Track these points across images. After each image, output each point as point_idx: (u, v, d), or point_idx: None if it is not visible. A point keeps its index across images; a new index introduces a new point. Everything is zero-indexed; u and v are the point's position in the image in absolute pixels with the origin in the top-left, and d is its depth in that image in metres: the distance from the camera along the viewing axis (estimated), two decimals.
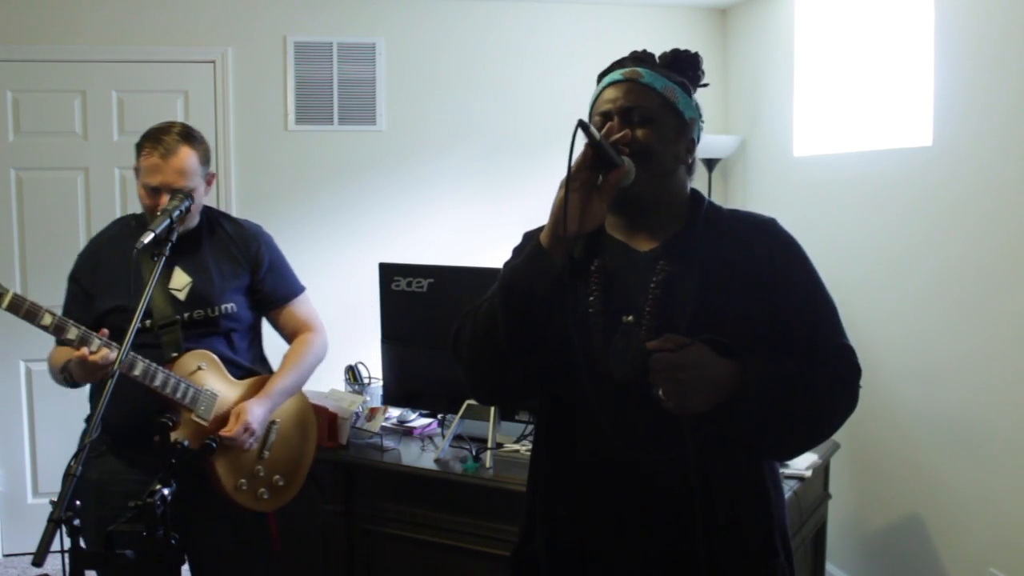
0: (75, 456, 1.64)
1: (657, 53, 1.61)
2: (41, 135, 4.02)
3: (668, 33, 4.47)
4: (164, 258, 2.04)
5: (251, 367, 2.38)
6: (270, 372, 2.44)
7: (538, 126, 4.41)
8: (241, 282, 2.34)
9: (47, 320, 2.00)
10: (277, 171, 4.24)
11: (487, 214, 4.39)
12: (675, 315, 1.45)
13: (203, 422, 2.19)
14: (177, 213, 2.10)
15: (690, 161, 1.57)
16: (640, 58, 1.58)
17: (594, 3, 4.38)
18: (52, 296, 3.88)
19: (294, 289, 2.47)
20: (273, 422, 2.35)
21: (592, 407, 1.47)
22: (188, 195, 2.16)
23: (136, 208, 2.41)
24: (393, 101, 4.31)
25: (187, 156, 2.20)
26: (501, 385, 1.53)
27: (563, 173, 1.53)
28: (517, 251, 1.63)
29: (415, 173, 4.35)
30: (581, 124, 1.36)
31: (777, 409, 1.41)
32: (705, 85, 1.62)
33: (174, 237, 2.08)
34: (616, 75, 1.53)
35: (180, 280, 2.25)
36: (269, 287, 2.40)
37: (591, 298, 1.50)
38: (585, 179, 1.39)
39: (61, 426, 3.95)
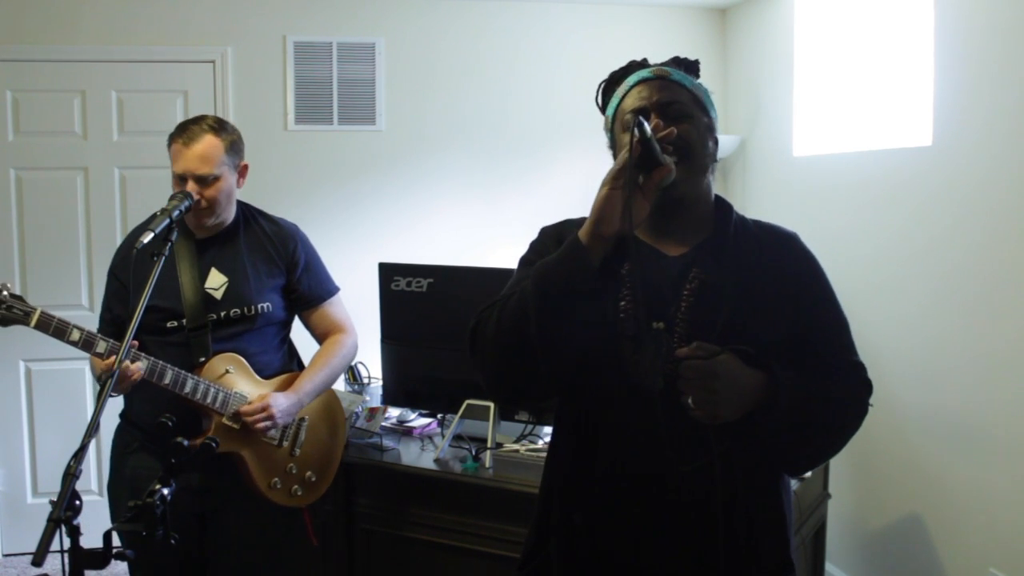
0: (75, 456, 1.64)
1: (657, 53, 1.61)
2: (41, 135, 4.02)
3: (668, 33, 4.47)
4: (164, 258, 2.04)
5: (282, 364, 2.39)
6: (300, 367, 2.47)
7: (538, 126, 4.41)
8: (277, 282, 2.35)
9: (76, 336, 2.02)
10: (277, 171, 4.24)
11: (487, 213, 4.39)
12: (707, 323, 1.43)
13: (234, 426, 2.20)
14: (177, 213, 2.10)
15: (716, 161, 1.56)
16: (642, 65, 1.57)
17: (594, 3, 4.38)
18: (53, 296, 3.92)
19: (329, 289, 2.48)
20: (302, 419, 2.37)
21: (617, 414, 1.45)
22: (187, 195, 2.16)
23: (138, 207, 2.41)
24: (393, 101, 4.31)
25: (210, 144, 2.20)
26: (523, 384, 1.48)
27: (564, 172, 1.53)
28: (535, 246, 1.59)
29: (415, 173, 4.35)
30: (636, 120, 1.34)
31: (800, 422, 1.42)
32: None
33: (174, 236, 2.08)
34: (645, 73, 1.51)
35: (216, 280, 2.26)
36: (305, 287, 2.41)
37: (622, 303, 1.47)
38: (629, 177, 1.36)
39: (61, 426, 3.96)
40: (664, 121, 1.44)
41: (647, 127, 1.35)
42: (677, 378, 1.36)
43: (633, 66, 1.58)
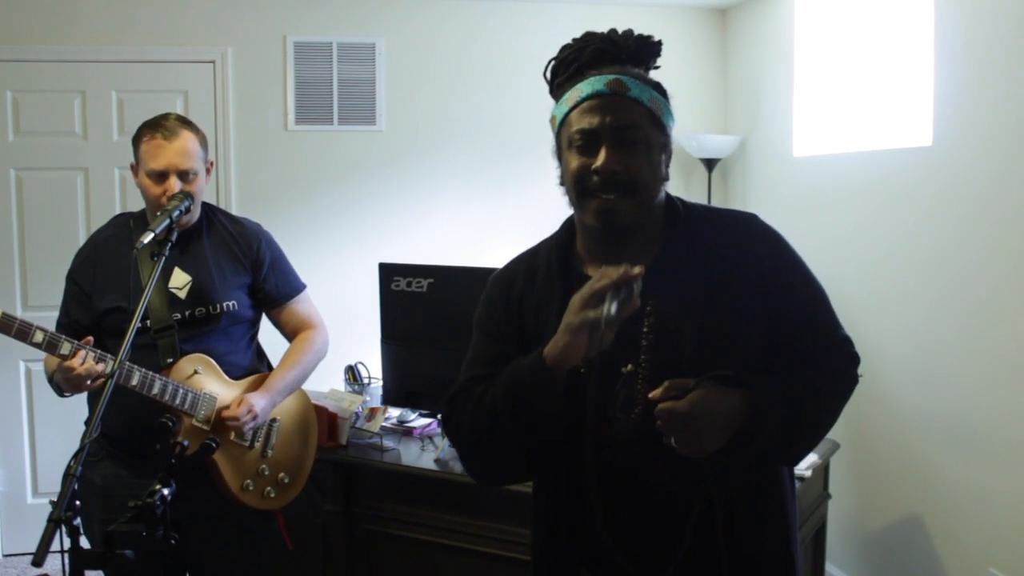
0: (75, 456, 1.63)
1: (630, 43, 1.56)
2: (41, 135, 4.02)
3: (668, 33, 4.43)
4: (164, 259, 2.03)
5: (251, 365, 2.37)
6: (269, 368, 2.44)
7: (537, 125, 4.33)
8: (242, 280, 2.33)
9: (39, 337, 1.99)
10: (277, 171, 4.24)
11: (487, 213, 4.39)
12: (672, 356, 1.38)
13: (204, 427, 2.19)
14: (177, 213, 2.09)
15: (668, 179, 1.48)
16: (602, 47, 1.50)
17: (595, 3, 4.38)
18: (53, 296, 3.89)
19: (296, 287, 2.46)
20: (274, 420, 2.35)
21: (603, 461, 1.40)
22: (188, 195, 2.15)
23: (138, 207, 2.40)
24: (393, 101, 4.31)
25: (188, 138, 2.20)
26: (502, 475, 1.54)
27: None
28: (485, 302, 1.57)
29: (415, 173, 4.35)
30: (624, 379, 1.32)
31: (787, 425, 1.39)
32: (656, 67, 1.54)
33: (174, 237, 2.07)
34: (599, 85, 1.41)
35: (180, 279, 2.24)
36: (271, 286, 2.39)
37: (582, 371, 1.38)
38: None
39: (61, 426, 3.96)
40: (616, 149, 1.37)
41: (609, 315, 1.27)
42: (654, 421, 1.32)
43: (590, 41, 1.51)
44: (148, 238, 1.99)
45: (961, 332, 2.99)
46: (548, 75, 1.55)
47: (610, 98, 1.41)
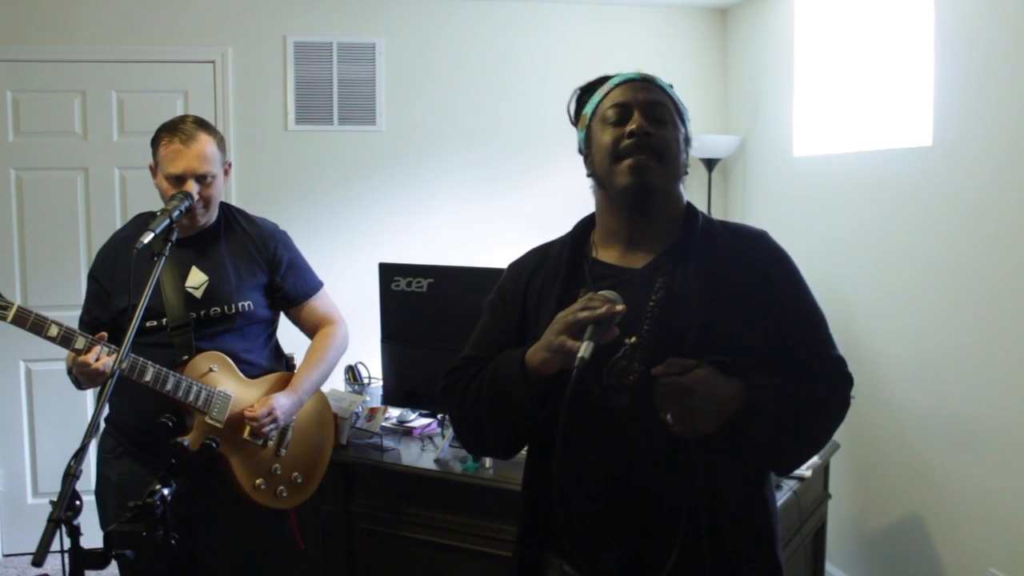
0: (75, 456, 1.63)
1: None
2: (41, 135, 4.02)
3: (668, 33, 4.47)
4: (164, 258, 2.03)
5: (268, 365, 2.38)
6: (286, 368, 2.46)
7: (537, 125, 4.41)
8: (258, 280, 2.35)
9: (54, 331, 2.01)
10: (277, 171, 4.24)
11: (487, 213, 4.39)
12: (678, 334, 1.42)
13: (217, 424, 2.19)
14: (177, 213, 2.10)
15: (687, 173, 1.57)
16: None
17: (595, 3, 4.38)
18: (52, 296, 3.92)
19: (314, 286, 2.49)
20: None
21: (590, 432, 1.44)
22: (187, 195, 2.16)
23: (138, 207, 2.41)
24: (393, 101, 4.31)
25: (207, 142, 2.22)
26: (491, 451, 1.65)
27: (563, 171, 1.54)
28: (500, 288, 1.63)
29: (415, 173, 4.35)
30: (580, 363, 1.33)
31: (781, 425, 1.41)
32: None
33: (174, 237, 2.07)
34: (630, 75, 1.54)
35: (197, 278, 2.26)
36: (289, 286, 2.41)
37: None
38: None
39: (61, 426, 3.97)
40: (648, 122, 1.47)
41: (591, 337, 1.34)
42: (653, 395, 1.36)
43: (604, 80, 1.59)
44: (148, 238, 1.99)
45: (961, 332, 3.00)
46: (572, 109, 1.64)
47: (640, 82, 1.54)
